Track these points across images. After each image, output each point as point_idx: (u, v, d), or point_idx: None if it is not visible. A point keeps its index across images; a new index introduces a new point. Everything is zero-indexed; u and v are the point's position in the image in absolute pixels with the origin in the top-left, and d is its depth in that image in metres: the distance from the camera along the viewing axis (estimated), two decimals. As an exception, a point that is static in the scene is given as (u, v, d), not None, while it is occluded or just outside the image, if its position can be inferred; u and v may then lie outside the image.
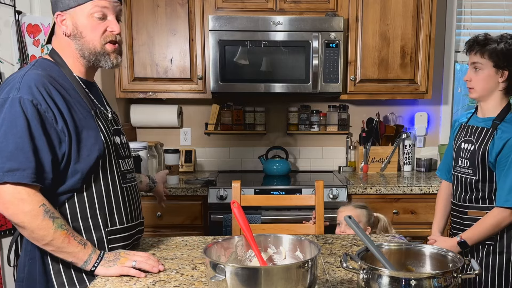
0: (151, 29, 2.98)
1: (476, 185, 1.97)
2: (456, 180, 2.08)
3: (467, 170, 2.01)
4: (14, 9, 2.39)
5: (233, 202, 1.33)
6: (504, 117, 1.95)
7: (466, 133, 2.05)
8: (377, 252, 1.18)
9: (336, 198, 2.76)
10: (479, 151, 1.95)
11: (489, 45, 1.94)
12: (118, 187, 1.51)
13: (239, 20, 2.86)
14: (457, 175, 2.07)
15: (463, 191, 2.03)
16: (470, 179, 1.99)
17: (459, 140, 2.08)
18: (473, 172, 1.98)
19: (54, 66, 1.46)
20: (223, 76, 2.91)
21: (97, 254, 1.39)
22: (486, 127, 1.97)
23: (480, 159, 1.95)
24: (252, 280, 1.05)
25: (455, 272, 1.09)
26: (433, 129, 3.48)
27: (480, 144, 1.96)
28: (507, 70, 1.92)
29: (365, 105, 3.44)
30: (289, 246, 1.29)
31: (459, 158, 2.06)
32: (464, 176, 2.02)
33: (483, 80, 1.96)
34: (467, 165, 2.01)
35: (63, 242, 1.34)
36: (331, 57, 2.91)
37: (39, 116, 1.33)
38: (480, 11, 3.40)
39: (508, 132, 1.91)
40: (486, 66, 1.94)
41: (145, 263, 1.40)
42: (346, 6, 2.99)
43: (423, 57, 3.03)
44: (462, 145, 2.05)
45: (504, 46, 1.92)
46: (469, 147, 2.01)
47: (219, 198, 2.74)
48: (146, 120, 3.31)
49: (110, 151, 1.48)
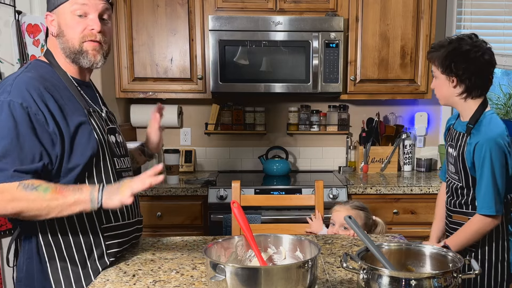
0: (151, 29, 2.98)
1: (462, 191, 1.93)
2: (447, 184, 2.04)
3: (454, 176, 1.96)
4: (14, 9, 2.39)
5: (233, 202, 1.33)
6: (477, 120, 1.86)
7: (450, 137, 1.99)
8: (377, 252, 1.18)
9: (336, 198, 2.76)
10: (459, 157, 1.89)
11: (435, 51, 1.87)
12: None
13: (239, 20, 2.86)
14: (448, 179, 2.02)
15: (451, 195, 2.00)
16: (456, 184, 1.95)
17: (447, 144, 2.03)
18: (458, 178, 1.93)
19: (47, 67, 1.47)
20: (223, 76, 2.91)
21: (97, 189, 1.34)
22: (462, 131, 1.91)
23: (461, 165, 1.89)
24: (252, 280, 1.05)
25: (455, 272, 1.09)
26: (433, 129, 3.48)
27: (458, 150, 1.90)
28: (454, 75, 1.84)
29: (365, 105, 3.44)
30: (289, 246, 1.29)
31: (448, 162, 2.01)
32: (452, 182, 1.98)
33: (438, 88, 1.91)
34: (453, 171, 1.96)
35: (58, 199, 1.31)
36: (331, 57, 2.91)
37: (28, 119, 1.33)
38: (480, 11, 3.40)
39: (476, 136, 1.83)
40: (438, 74, 1.89)
41: (141, 186, 1.33)
42: (346, 6, 2.99)
43: (423, 57, 3.03)
44: (448, 149, 2.00)
45: (446, 50, 1.84)
46: (452, 152, 1.96)
47: (219, 198, 2.74)
48: (146, 120, 3.27)
49: (104, 150, 1.48)
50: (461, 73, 1.82)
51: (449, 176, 2.01)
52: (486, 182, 1.79)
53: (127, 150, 1.67)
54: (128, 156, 1.66)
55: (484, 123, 1.84)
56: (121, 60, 3.00)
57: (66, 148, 1.39)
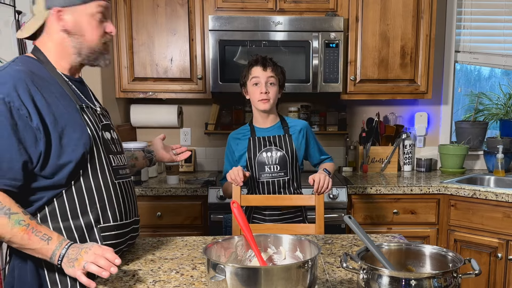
0: (151, 29, 2.98)
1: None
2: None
3: None
4: (14, 9, 2.39)
5: (233, 202, 1.33)
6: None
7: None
8: (377, 252, 1.18)
9: (336, 198, 2.76)
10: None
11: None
12: (110, 183, 1.48)
13: (239, 20, 2.86)
14: None
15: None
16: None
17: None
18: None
19: (36, 63, 1.44)
20: (223, 76, 2.91)
21: (62, 248, 1.30)
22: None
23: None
24: (252, 280, 1.05)
25: (455, 272, 1.09)
26: (433, 129, 3.48)
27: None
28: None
29: (365, 105, 3.44)
30: (289, 246, 1.29)
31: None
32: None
33: None
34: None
35: (23, 239, 1.28)
36: (331, 57, 2.91)
37: (10, 114, 1.30)
38: (480, 11, 3.40)
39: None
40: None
41: (94, 266, 1.27)
42: (346, 6, 2.99)
43: (423, 57, 3.03)
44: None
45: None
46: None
47: (219, 198, 2.74)
48: (146, 120, 3.31)
49: (98, 146, 1.46)
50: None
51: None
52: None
53: (123, 148, 1.65)
54: (124, 154, 1.64)
55: None
56: (121, 60, 3.00)
57: (54, 144, 1.35)
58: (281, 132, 2.23)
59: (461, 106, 3.75)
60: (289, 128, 2.24)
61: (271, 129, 2.23)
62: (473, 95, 3.65)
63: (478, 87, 3.91)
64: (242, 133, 2.27)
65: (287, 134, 2.22)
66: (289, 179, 2.21)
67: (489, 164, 3.27)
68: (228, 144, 2.30)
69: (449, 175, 3.18)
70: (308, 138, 2.27)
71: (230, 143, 2.29)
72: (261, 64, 2.13)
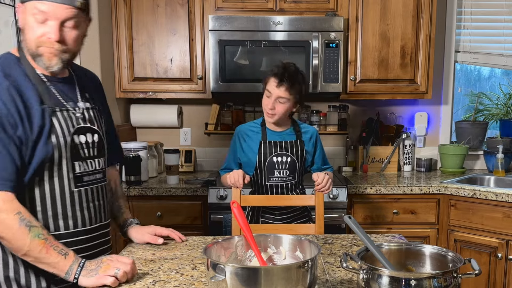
0: (151, 29, 2.98)
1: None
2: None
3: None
4: (14, 9, 2.39)
5: (233, 202, 1.33)
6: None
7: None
8: (377, 252, 1.18)
9: (336, 198, 2.76)
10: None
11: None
12: (67, 192, 1.42)
13: (239, 20, 2.86)
14: None
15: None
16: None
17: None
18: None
19: (14, 62, 1.40)
20: (223, 76, 2.91)
21: (78, 263, 1.32)
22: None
23: None
24: (252, 280, 1.05)
25: (455, 272, 1.09)
26: (433, 129, 3.48)
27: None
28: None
29: (365, 105, 3.43)
30: (289, 246, 1.29)
31: None
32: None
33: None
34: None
35: (41, 252, 1.29)
36: (331, 57, 2.91)
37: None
38: (480, 11, 3.40)
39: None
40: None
41: (127, 271, 1.32)
42: (346, 6, 2.99)
43: (423, 57, 3.03)
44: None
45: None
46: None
47: (219, 198, 2.74)
48: (146, 120, 3.31)
49: (61, 153, 1.39)
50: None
51: None
52: None
53: (102, 151, 1.55)
54: (101, 158, 1.54)
55: None
56: (121, 60, 3.00)
57: (27, 153, 1.33)
58: (293, 138, 2.20)
59: (461, 106, 3.75)
60: (302, 133, 2.22)
61: (284, 133, 2.21)
62: (473, 95, 3.65)
63: (478, 87, 3.91)
64: (252, 130, 2.24)
65: (299, 140, 2.20)
66: (296, 182, 2.22)
67: (489, 164, 3.27)
68: (235, 136, 2.27)
69: (449, 175, 3.18)
70: (316, 146, 2.26)
71: (238, 137, 2.25)
72: (278, 78, 2.05)
